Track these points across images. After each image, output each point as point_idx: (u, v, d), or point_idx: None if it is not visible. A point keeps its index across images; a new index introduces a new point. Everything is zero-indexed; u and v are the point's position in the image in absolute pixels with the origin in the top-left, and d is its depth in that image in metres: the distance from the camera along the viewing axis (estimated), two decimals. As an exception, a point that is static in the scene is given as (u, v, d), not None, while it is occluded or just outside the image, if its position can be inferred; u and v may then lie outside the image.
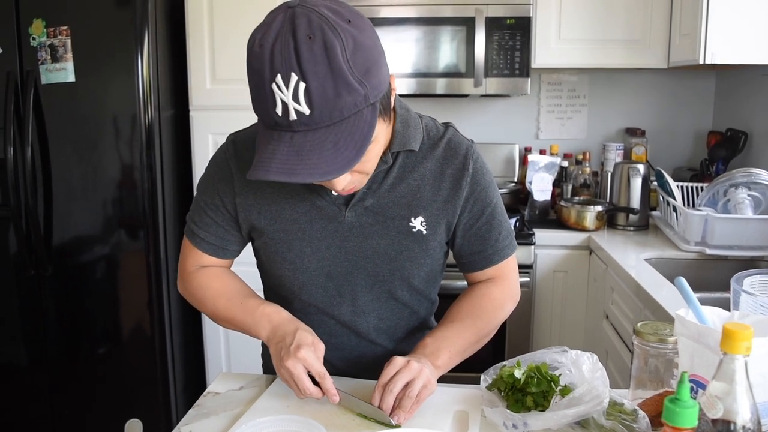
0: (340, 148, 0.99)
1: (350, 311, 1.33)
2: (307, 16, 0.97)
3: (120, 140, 2.55)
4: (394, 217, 1.26)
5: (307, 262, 1.28)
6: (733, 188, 2.44)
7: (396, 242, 1.27)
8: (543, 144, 3.31)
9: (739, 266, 2.01)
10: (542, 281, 2.78)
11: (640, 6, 2.85)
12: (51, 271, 2.62)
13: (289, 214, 1.27)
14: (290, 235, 1.27)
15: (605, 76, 3.26)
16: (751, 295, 1.40)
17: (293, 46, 0.95)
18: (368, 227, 1.26)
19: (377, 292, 1.32)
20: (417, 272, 1.31)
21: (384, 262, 1.28)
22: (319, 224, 1.26)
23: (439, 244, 1.31)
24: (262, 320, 1.25)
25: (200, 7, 2.66)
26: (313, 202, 1.26)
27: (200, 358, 2.92)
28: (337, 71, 0.96)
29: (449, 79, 2.89)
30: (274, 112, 0.98)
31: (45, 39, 2.48)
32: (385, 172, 1.25)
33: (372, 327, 1.35)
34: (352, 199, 1.25)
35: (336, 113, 0.98)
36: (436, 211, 1.28)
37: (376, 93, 1.02)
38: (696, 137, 3.27)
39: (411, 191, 1.26)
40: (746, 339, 0.82)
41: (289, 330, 1.20)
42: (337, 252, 1.27)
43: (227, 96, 2.69)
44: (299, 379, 1.13)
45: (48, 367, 2.70)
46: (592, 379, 1.08)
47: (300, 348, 1.14)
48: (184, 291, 1.39)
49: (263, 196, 1.27)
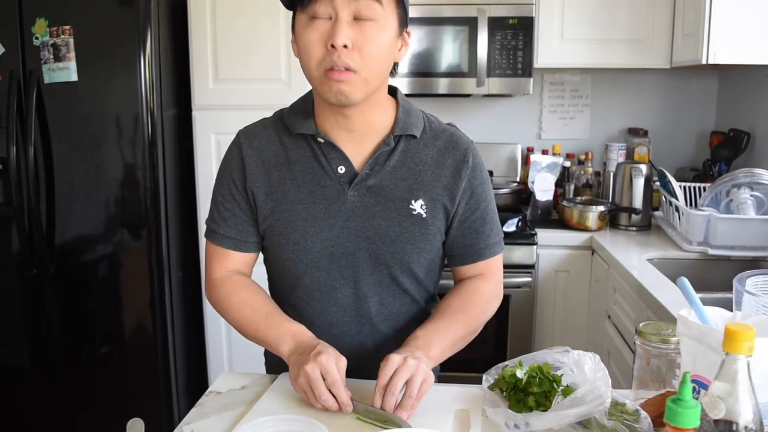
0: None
1: (352, 294, 1.35)
2: None
3: (122, 140, 2.55)
4: (395, 198, 1.31)
5: (310, 243, 1.31)
6: (736, 188, 2.44)
7: (396, 224, 1.31)
8: (545, 144, 3.31)
9: (741, 266, 2.01)
10: (544, 281, 2.78)
11: (643, 6, 2.84)
12: (53, 271, 2.62)
13: (293, 194, 1.31)
14: (294, 216, 1.31)
15: (608, 76, 3.26)
16: (754, 295, 1.40)
17: None
18: (370, 207, 1.31)
19: (379, 276, 1.34)
20: (417, 257, 1.34)
21: (385, 244, 1.32)
22: (322, 204, 1.31)
23: (438, 231, 1.35)
24: (286, 336, 1.26)
25: (203, 6, 2.66)
26: (318, 181, 1.31)
27: (202, 357, 2.92)
28: None
29: (452, 79, 2.89)
30: None
31: (48, 38, 2.49)
32: (387, 154, 1.32)
33: (374, 311, 1.37)
34: (355, 179, 1.30)
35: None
36: (435, 196, 1.33)
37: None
38: (699, 137, 3.27)
39: (412, 175, 1.32)
40: (748, 339, 0.82)
41: (312, 344, 1.22)
42: (339, 232, 1.31)
43: (230, 95, 2.70)
44: (315, 383, 1.13)
45: (50, 366, 2.71)
46: (594, 379, 1.08)
47: (320, 354, 1.15)
48: (210, 298, 1.42)
49: (270, 179, 1.33)
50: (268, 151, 1.33)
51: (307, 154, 1.32)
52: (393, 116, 1.33)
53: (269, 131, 1.36)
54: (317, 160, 1.31)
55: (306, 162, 1.32)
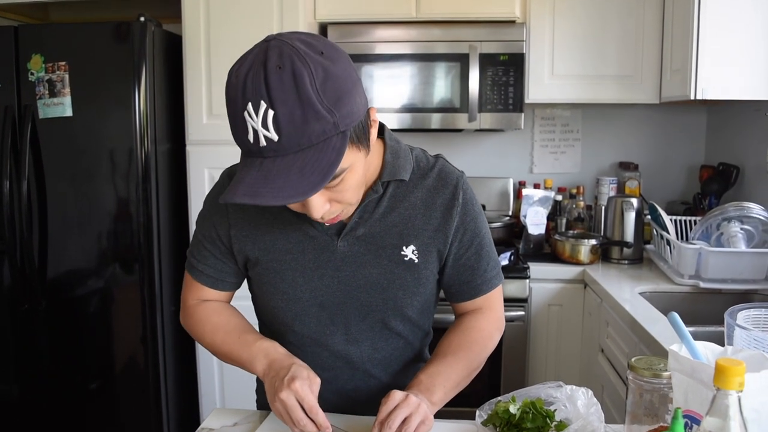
0: (306, 173, 1.01)
1: (343, 340, 1.33)
2: (279, 48, 1.01)
3: (116, 174, 2.56)
4: (386, 246, 1.28)
5: (299, 292, 1.29)
6: (726, 222, 2.46)
7: (388, 271, 1.28)
8: (537, 178, 3.33)
9: (733, 300, 2.02)
10: (537, 315, 2.78)
11: (632, 42, 2.89)
12: (45, 305, 2.61)
13: (282, 244, 1.28)
14: (283, 265, 1.29)
15: (598, 111, 3.30)
16: (745, 329, 1.41)
17: (263, 75, 0.99)
18: (361, 256, 1.28)
19: (370, 322, 1.32)
20: (410, 302, 1.32)
21: (376, 292, 1.29)
22: (311, 254, 1.28)
23: (431, 273, 1.33)
24: (259, 355, 1.25)
25: (197, 43, 2.69)
26: (306, 231, 1.27)
27: (194, 394, 2.90)
28: (305, 99, 0.99)
29: (444, 114, 2.92)
30: (246, 140, 1.02)
31: (43, 74, 2.51)
32: (376, 202, 1.27)
33: (366, 357, 1.35)
34: (344, 229, 1.27)
35: (304, 140, 1.01)
36: (427, 240, 1.29)
37: (348, 122, 1.04)
38: (689, 171, 3.30)
39: (402, 220, 1.28)
40: (739, 374, 0.83)
41: (285, 365, 1.20)
42: (329, 282, 1.29)
43: (223, 131, 2.67)
44: (292, 410, 1.12)
45: (40, 400, 2.68)
46: (587, 414, 1.08)
47: (294, 380, 1.14)
48: (185, 324, 1.40)
49: (257, 227, 1.29)
50: None
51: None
52: (380, 159, 1.27)
53: None
54: None
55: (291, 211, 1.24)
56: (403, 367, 1.40)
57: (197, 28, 2.70)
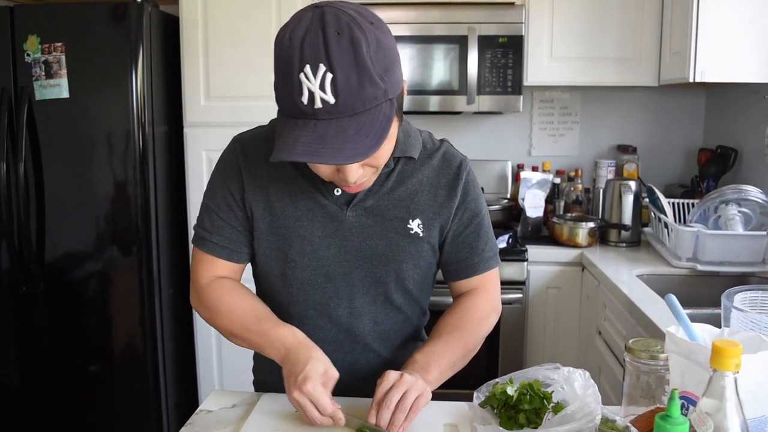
0: (361, 136, 1.05)
1: (347, 313, 1.35)
2: (336, 14, 1.04)
3: (114, 156, 2.55)
4: (393, 218, 1.31)
5: (307, 261, 1.31)
6: (724, 205, 2.46)
7: (394, 243, 1.32)
8: (535, 161, 3.33)
9: (730, 282, 2.02)
10: (535, 297, 2.79)
11: (631, 24, 2.87)
12: (43, 288, 2.61)
13: (292, 211, 1.30)
14: (292, 233, 1.30)
15: (597, 93, 3.29)
16: (742, 311, 1.41)
17: (322, 39, 1.02)
18: (368, 228, 1.31)
19: (373, 294, 1.35)
20: (411, 273, 1.35)
21: (381, 263, 1.32)
22: (320, 223, 1.30)
23: (432, 247, 1.36)
24: (276, 342, 1.24)
25: (195, 24, 2.67)
26: (317, 200, 1.30)
27: (192, 376, 2.91)
28: (361, 65, 1.03)
29: (442, 97, 2.91)
30: (300, 101, 1.04)
31: (39, 55, 2.49)
32: (386, 176, 1.31)
33: (368, 330, 1.37)
34: (353, 200, 1.29)
35: (359, 104, 1.04)
36: (432, 215, 1.33)
37: (394, 90, 1.09)
38: (687, 154, 3.30)
39: (409, 195, 1.32)
40: (735, 356, 0.83)
41: (302, 357, 1.19)
42: (336, 252, 1.31)
43: (221, 113, 2.70)
44: (306, 410, 1.14)
45: (39, 383, 2.69)
46: (584, 396, 1.08)
47: (307, 381, 1.14)
48: (197, 305, 1.39)
49: (268, 193, 1.31)
50: (266, 165, 1.30)
51: (305, 171, 1.27)
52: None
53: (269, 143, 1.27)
54: (315, 179, 1.27)
55: (304, 179, 1.29)
56: (402, 342, 1.42)
57: (194, 9, 2.68)
